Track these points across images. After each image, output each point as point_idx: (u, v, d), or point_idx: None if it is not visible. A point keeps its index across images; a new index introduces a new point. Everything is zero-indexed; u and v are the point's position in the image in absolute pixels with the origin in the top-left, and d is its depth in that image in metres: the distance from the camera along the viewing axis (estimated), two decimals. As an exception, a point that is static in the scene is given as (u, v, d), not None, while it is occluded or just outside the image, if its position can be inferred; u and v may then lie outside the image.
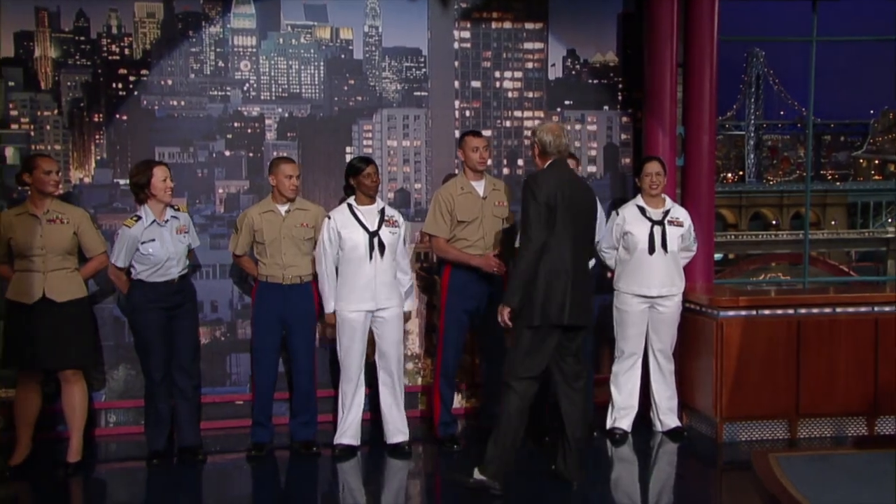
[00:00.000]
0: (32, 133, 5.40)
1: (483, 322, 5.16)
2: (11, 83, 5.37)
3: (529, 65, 6.04)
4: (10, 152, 5.35)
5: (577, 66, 6.09)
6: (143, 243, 4.72)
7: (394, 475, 4.86)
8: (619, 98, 6.12)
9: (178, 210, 4.97)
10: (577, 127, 6.11)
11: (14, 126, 5.38)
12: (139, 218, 4.75)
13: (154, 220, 4.75)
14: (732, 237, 41.55)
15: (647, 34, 5.83)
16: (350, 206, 4.88)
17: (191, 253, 5.06)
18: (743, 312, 5.18)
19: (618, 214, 5.28)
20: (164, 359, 4.86)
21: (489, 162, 5.56)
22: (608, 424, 5.34)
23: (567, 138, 4.45)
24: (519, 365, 4.24)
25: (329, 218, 4.86)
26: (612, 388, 5.35)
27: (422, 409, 5.77)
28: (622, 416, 5.33)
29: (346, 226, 4.81)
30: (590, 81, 6.10)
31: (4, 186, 5.30)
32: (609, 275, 5.43)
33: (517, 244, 4.73)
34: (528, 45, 6.03)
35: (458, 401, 5.65)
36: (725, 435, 5.24)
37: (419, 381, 5.80)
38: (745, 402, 5.17)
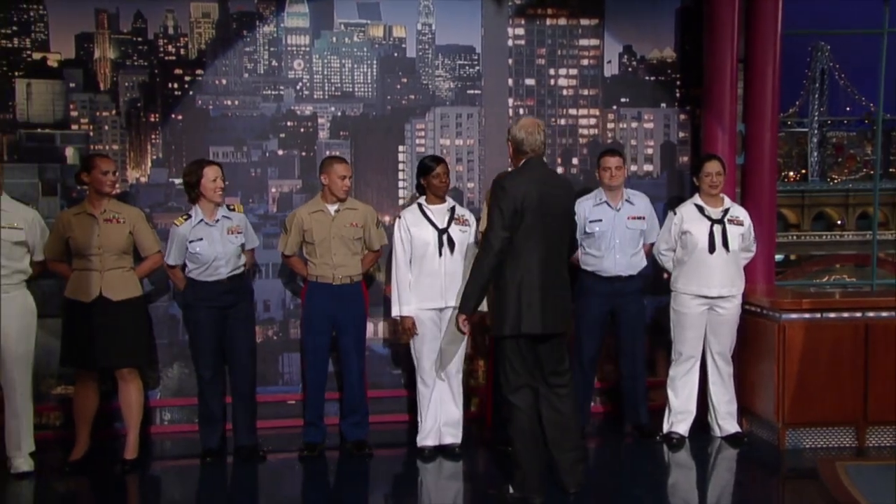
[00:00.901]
0: (91, 133, 5.50)
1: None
2: (72, 84, 5.48)
3: (585, 62, 5.94)
4: (70, 152, 5.45)
5: (634, 63, 5.97)
6: (190, 242, 4.76)
7: (444, 477, 4.80)
8: (677, 95, 5.98)
9: (234, 210, 4.98)
10: (634, 125, 6.00)
11: (74, 126, 5.48)
12: (189, 217, 4.80)
13: (202, 220, 4.79)
14: (794, 238, 40.52)
15: (706, 29, 5.69)
16: (420, 205, 4.87)
17: (249, 253, 5.06)
18: (806, 315, 5.01)
19: (675, 214, 5.14)
20: (214, 358, 4.90)
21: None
22: (665, 429, 5.22)
23: (543, 135, 4.17)
24: (511, 377, 4.10)
25: (400, 217, 4.88)
26: (669, 392, 5.22)
27: (472, 411, 5.71)
28: (679, 420, 5.20)
29: (415, 224, 4.81)
30: (647, 78, 5.98)
31: (65, 186, 5.40)
32: (665, 276, 5.30)
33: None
34: (583, 42, 5.93)
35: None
36: (788, 441, 5.06)
37: (470, 382, 5.74)
38: (808, 408, 5.00)
